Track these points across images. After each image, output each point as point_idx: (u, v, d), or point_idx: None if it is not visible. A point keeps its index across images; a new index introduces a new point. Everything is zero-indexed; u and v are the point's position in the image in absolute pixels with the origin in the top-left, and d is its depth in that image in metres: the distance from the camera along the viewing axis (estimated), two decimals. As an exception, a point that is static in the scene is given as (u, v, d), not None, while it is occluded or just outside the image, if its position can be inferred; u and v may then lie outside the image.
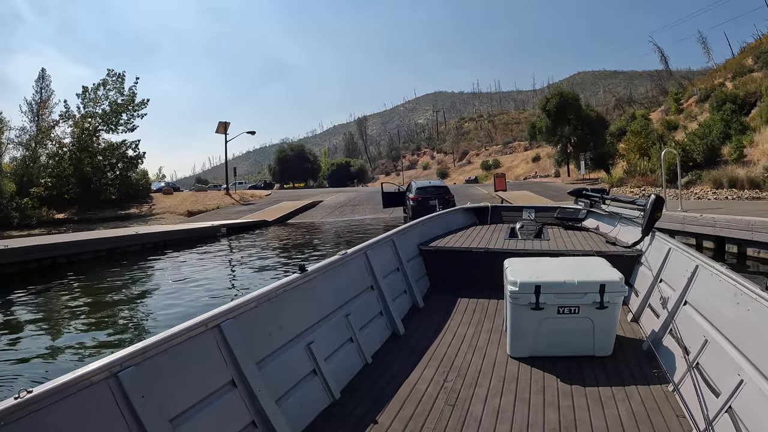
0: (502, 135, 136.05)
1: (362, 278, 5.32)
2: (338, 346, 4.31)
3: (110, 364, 2.37)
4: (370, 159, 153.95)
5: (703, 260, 4.22)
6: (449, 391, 3.90)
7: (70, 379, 2.18)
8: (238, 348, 3.11)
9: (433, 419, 3.47)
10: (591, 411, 3.49)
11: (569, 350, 4.45)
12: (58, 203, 44.11)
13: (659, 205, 6.01)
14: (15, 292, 12.12)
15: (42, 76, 50.74)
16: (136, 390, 2.41)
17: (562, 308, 4.31)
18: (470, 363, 4.45)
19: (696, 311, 3.99)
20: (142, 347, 2.54)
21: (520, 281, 4.34)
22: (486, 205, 10.57)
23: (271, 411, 3.13)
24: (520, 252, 6.73)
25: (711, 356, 3.45)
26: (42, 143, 48.36)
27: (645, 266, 5.77)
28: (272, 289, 3.69)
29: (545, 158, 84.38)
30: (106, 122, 47.58)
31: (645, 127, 44.32)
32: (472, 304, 6.24)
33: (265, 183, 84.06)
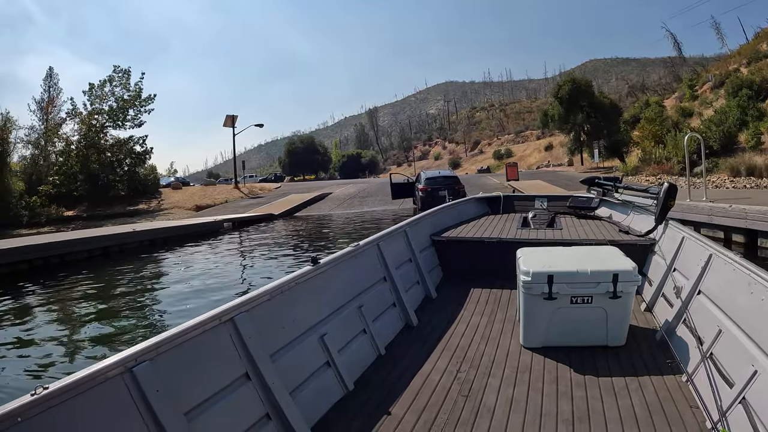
0: (514, 124, 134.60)
1: (375, 270, 5.31)
2: (351, 338, 4.31)
3: (125, 359, 2.38)
4: (381, 150, 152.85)
5: (716, 249, 4.18)
6: (462, 381, 3.90)
7: (85, 375, 2.19)
8: (252, 341, 3.12)
9: (447, 410, 3.46)
10: (604, 401, 3.48)
11: (582, 340, 4.43)
12: (68, 201, 44.09)
13: (672, 194, 5.97)
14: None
15: (50, 74, 50.82)
16: (150, 384, 2.43)
17: (575, 298, 4.29)
18: (483, 353, 4.44)
19: (710, 300, 3.96)
20: (156, 342, 2.55)
21: (533, 271, 4.30)
22: (498, 195, 10.44)
23: (285, 403, 3.14)
24: (533, 241, 6.71)
25: (725, 346, 3.42)
26: (50, 141, 48.28)
27: (658, 255, 5.70)
28: (285, 281, 3.70)
29: (558, 147, 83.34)
30: (113, 118, 47.23)
31: (659, 115, 43.15)
32: (485, 294, 6.21)
33: (276, 176, 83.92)
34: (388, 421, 3.37)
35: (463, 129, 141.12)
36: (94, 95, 47.28)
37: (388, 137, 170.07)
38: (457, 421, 3.31)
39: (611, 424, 3.20)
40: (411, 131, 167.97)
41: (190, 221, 26.17)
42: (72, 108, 47.88)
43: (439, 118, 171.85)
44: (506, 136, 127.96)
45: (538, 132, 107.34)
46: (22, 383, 6.25)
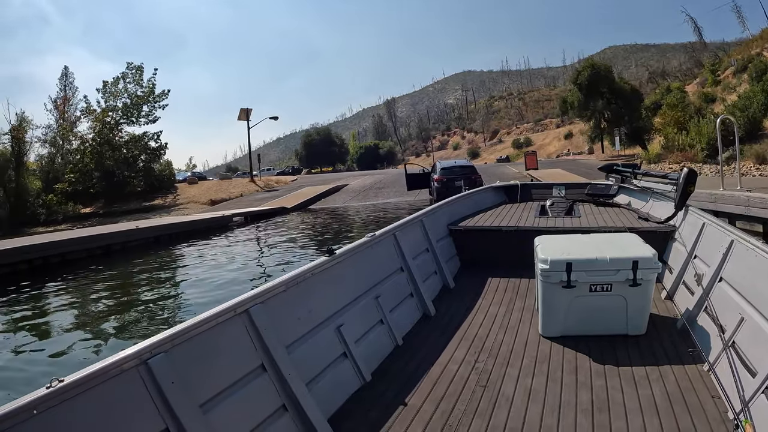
0: (533, 113, 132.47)
1: (391, 260, 5.27)
2: (368, 329, 4.28)
3: (140, 351, 2.39)
4: (400, 141, 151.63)
5: (738, 235, 4.10)
6: (480, 371, 3.87)
7: (100, 368, 2.20)
8: (267, 332, 3.11)
9: (465, 400, 3.44)
10: (624, 391, 3.42)
11: (602, 329, 4.37)
12: (85, 198, 44.50)
13: (692, 179, 5.86)
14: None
15: (65, 74, 50.83)
16: (166, 376, 2.43)
17: (594, 286, 4.23)
18: (501, 343, 4.40)
19: (732, 288, 3.88)
20: (171, 334, 2.56)
21: (551, 259, 4.25)
22: (515, 183, 10.29)
23: (302, 394, 3.13)
24: (551, 229, 6.65)
25: (747, 334, 3.33)
26: (66, 139, 48.49)
27: (679, 242, 5.63)
28: (300, 273, 3.68)
29: (578, 135, 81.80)
30: (127, 115, 47.27)
31: (681, 100, 41.50)
32: (503, 283, 6.15)
33: (293, 168, 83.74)
34: (405, 411, 3.36)
35: (482, 118, 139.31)
36: (108, 92, 47.29)
37: (406, 128, 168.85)
38: (475, 411, 3.29)
39: (631, 414, 3.14)
40: (429, 121, 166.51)
41: (197, 217, 25.69)
42: (86, 106, 47.93)
43: (457, 108, 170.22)
44: (525, 124, 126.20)
45: (557, 120, 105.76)
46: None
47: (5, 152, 43.32)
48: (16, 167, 43.06)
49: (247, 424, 2.83)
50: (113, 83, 47.16)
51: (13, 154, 43.30)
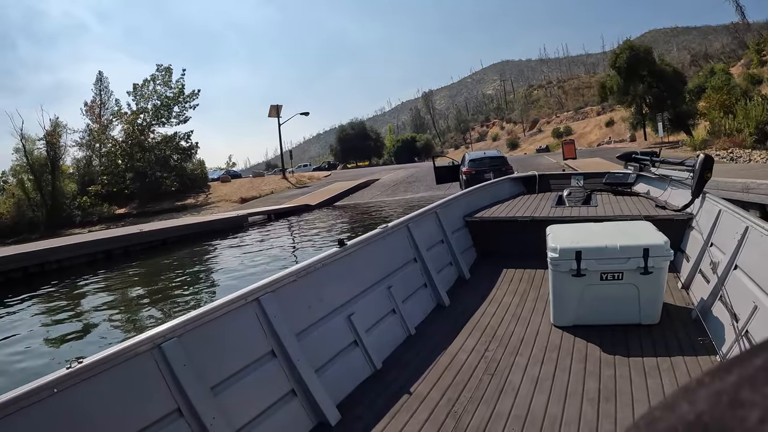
0: (573, 101, 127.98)
1: (404, 251, 5.27)
2: (380, 318, 4.31)
3: (153, 336, 2.52)
4: (438, 133, 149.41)
5: (753, 221, 4.02)
6: (489, 360, 3.87)
7: (116, 351, 2.34)
8: (277, 320, 3.20)
9: (471, 388, 3.46)
10: (633, 381, 3.38)
11: (614, 318, 4.31)
12: (120, 199, 46.06)
13: (709, 165, 5.77)
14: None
15: (99, 78, 51.63)
16: (178, 360, 2.55)
17: (605, 274, 4.19)
18: (513, 333, 4.38)
19: (746, 275, 3.79)
20: (183, 320, 2.70)
21: (560, 247, 4.23)
22: (533, 174, 10.12)
23: (311, 380, 3.21)
24: (567, 219, 6.51)
25: (761, 323, 3.28)
26: (101, 142, 49.27)
27: (696, 230, 5.53)
28: (311, 263, 3.76)
29: (620, 122, 78.53)
30: (157, 116, 47.98)
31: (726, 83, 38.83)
32: (519, 273, 6.13)
33: (329, 164, 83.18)
34: (412, 399, 3.38)
35: (520, 108, 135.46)
36: (138, 95, 48.10)
37: (445, 120, 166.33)
38: (481, 399, 3.30)
39: (638, 403, 3.10)
40: (468, 113, 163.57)
41: (210, 218, 24.85)
42: (117, 109, 49.05)
43: (496, 98, 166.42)
44: (565, 113, 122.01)
45: (598, 108, 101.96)
46: None
47: (39, 158, 44.56)
48: (52, 171, 44.31)
49: (256, 406, 2.92)
50: (142, 85, 47.88)
51: (48, 159, 44.51)
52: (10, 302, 11.55)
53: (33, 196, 43.56)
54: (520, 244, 6.82)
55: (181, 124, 49.18)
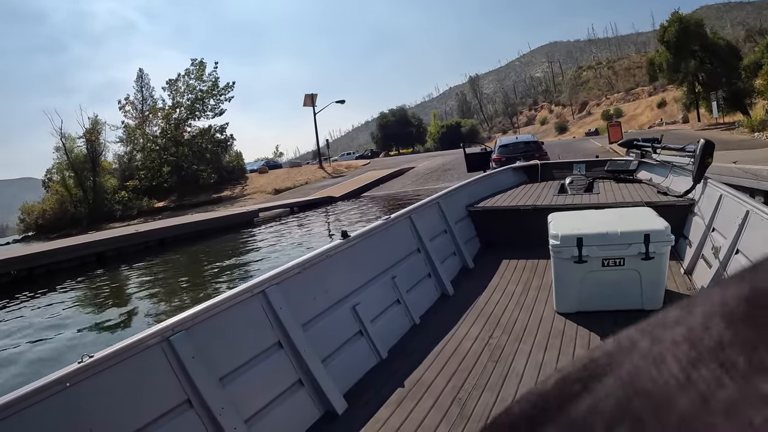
0: (624, 81, 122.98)
1: (408, 241, 5.25)
2: (385, 308, 4.31)
3: (162, 329, 2.53)
4: (486, 118, 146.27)
5: (754, 205, 4.05)
6: (494, 347, 3.88)
7: (127, 344, 2.36)
8: (283, 312, 3.23)
9: (476, 374, 3.47)
10: None
11: (617, 304, 4.27)
12: (159, 192, 46.79)
13: (709, 150, 5.63)
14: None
15: (140, 76, 51.99)
16: (187, 352, 2.58)
17: (606, 260, 4.18)
18: (517, 320, 4.39)
19: (747, 259, 3.86)
20: (191, 314, 2.71)
21: (562, 234, 4.21)
22: (535, 163, 10.04)
23: (317, 370, 3.23)
24: (569, 207, 6.42)
25: None
26: (138, 138, 49.77)
27: (698, 216, 5.47)
28: (315, 255, 3.76)
29: (672, 103, 74.64)
30: (191, 110, 48.12)
31: (786, 58, 35.50)
32: (522, 262, 6.07)
33: (372, 152, 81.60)
34: (417, 386, 3.38)
35: (569, 90, 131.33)
36: (173, 90, 48.35)
37: (492, 104, 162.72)
38: (485, 385, 3.31)
39: None
40: (516, 96, 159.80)
41: (218, 214, 23.68)
42: (153, 104, 49.35)
43: (544, 81, 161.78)
44: (616, 94, 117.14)
45: (649, 88, 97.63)
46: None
47: (80, 155, 45.70)
48: (92, 168, 45.29)
49: (264, 396, 2.96)
50: (176, 80, 48.14)
51: (88, 156, 45.51)
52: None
53: (75, 192, 44.71)
54: (522, 232, 6.74)
55: (217, 117, 49.45)
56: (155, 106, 48.92)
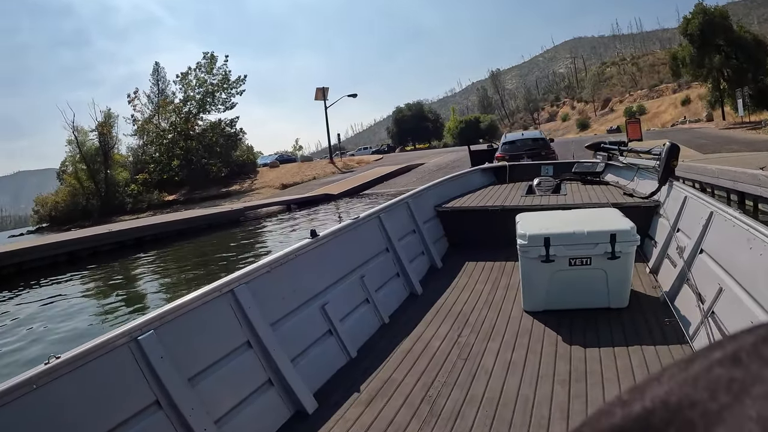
0: (648, 78, 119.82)
1: (376, 241, 5.27)
2: (354, 307, 4.32)
3: (130, 329, 2.50)
4: (508, 114, 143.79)
5: (717, 206, 4.12)
6: (462, 346, 3.90)
7: (94, 345, 2.32)
8: (252, 311, 3.19)
9: (445, 372, 3.48)
10: (603, 362, 3.43)
11: (584, 303, 4.36)
12: (171, 186, 46.63)
13: (674, 153, 5.85)
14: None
15: (156, 69, 51.55)
16: (155, 352, 2.53)
17: (573, 260, 4.23)
18: (485, 319, 4.42)
19: (711, 259, 3.89)
20: (159, 313, 2.67)
21: (529, 234, 4.27)
22: (504, 164, 10.29)
23: (287, 370, 3.21)
24: (536, 207, 6.53)
25: (725, 304, 3.39)
26: (149, 132, 49.38)
27: (663, 217, 5.63)
28: (284, 254, 3.76)
29: (696, 101, 71.97)
30: (201, 104, 47.73)
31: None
32: (490, 262, 6.08)
33: (388, 147, 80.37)
34: (387, 384, 3.39)
35: (591, 86, 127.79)
36: (185, 83, 48.01)
37: (514, 100, 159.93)
38: (455, 383, 3.32)
39: (608, 383, 3.15)
40: (539, 92, 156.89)
41: (206, 212, 22.39)
42: (162, 98, 49.12)
43: (567, 77, 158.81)
44: (639, 91, 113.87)
45: (674, 85, 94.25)
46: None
47: (92, 148, 45.66)
48: (104, 161, 45.17)
49: (234, 397, 2.91)
50: (186, 74, 47.77)
51: (100, 149, 45.42)
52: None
53: (87, 185, 44.78)
54: (490, 233, 6.79)
55: (228, 111, 49.07)
56: (165, 100, 48.52)
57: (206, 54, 47.56)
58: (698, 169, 13.66)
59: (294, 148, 78.95)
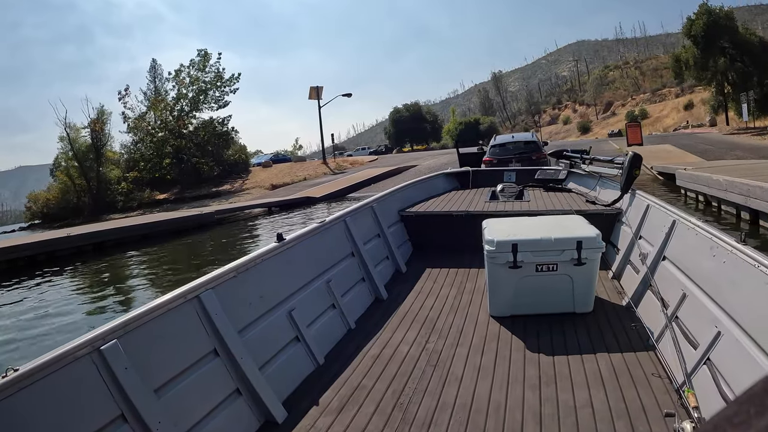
0: (651, 82, 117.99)
1: (342, 245, 5.23)
2: (320, 313, 4.27)
3: (93, 339, 2.39)
4: (509, 116, 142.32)
5: (680, 215, 4.23)
6: (431, 351, 3.87)
7: (54, 356, 2.21)
8: (219, 318, 3.10)
9: (415, 379, 3.44)
10: (571, 366, 3.46)
11: (550, 308, 4.40)
12: (163, 184, 46.07)
13: (637, 163, 5.99)
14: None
15: (153, 66, 50.89)
16: (119, 362, 2.43)
17: (540, 266, 4.26)
18: (452, 324, 4.40)
19: (674, 266, 3.98)
20: (123, 321, 2.56)
21: (497, 240, 4.27)
22: (467, 170, 9.99)
23: (255, 378, 3.13)
24: (500, 213, 6.48)
25: (689, 309, 3.47)
26: (139, 129, 48.77)
27: (625, 224, 5.72)
28: (250, 258, 3.68)
29: (699, 106, 70.83)
30: (195, 102, 47.09)
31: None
32: (455, 266, 6.08)
33: (386, 147, 79.61)
34: (358, 391, 3.33)
35: (593, 89, 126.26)
36: (177, 81, 47.39)
37: (516, 102, 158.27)
38: (426, 389, 3.28)
39: (578, 387, 3.17)
40: (541, 95, 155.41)
41: (171, 215, 21.19)
42: (153, 96, 48.36)
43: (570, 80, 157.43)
44: (642, 95, 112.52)
45: (676, 89, 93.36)
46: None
47: (83, 145, 45.34)
48: (96, 158, 44.82)
49: (202, 407, 2.80)
50: (178, 72, 47.16)
51: (93, 146, 45.14)
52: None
53: (78, 182, 44.42)
54: (454, 237, 6.74)
55: (221, 109, 48.33)
56: (158, 97, 47.73)
57: (201, 51, 46.85)
58: (703, 180, 12.25)
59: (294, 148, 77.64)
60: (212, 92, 47.17)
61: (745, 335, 2.70)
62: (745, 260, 2.92)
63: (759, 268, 2.79)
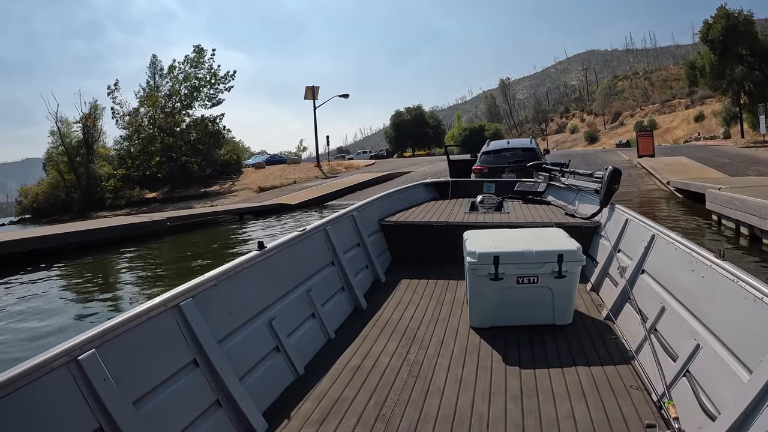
0: (660, 93, 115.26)
1: (323, 254, 5.13)
2: (300, 322, 4.17)
3: (69, 348, 2.29)
4: (516, 124, 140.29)
5: (659, 230, 4.22)
6: (412, 362, 3.79)
7: (29, 367, 2.11)
8: (199, 327, 2.98)
9: (397, 390, 3.36)
10: (552, 378, 3.42)
11: (530, 319, 4.36)
12: (154, 183, 44.84)
13: (616, 177, 5.97)
14: None
15: (153, 62, 49.63)
16: (97, 373, 2.33)
17: (521, 278, 4.22)
18: (432, 335, 4.33)
19: (653, 279, 3.99)
20: (101, 330, 2.46)
21: (479, 252, 4.21)
22: (447, 180, 9.71)
23: (235, 389, 3.01)
24: (480, 225, 6.54)
25: (668, 322, 3.46)
26: (130, 126, 47.25)
27: (604, 237, 5.70)
28: (231, 267, 3.55)
29: (710, 117, 68.54)
30: (188, 99, 45.81)
31: None
32: (435, 277, 5.97)
33: (387, 151, 78.82)
34: (339, 403, 3.23)
35: (602, 99, 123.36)
36: (171, 77, 46.30)
37: (523, 110, 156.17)
38: (408, 401, 3.20)
39: (559, 399, 3.13)
40: (549, 103, 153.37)
41: (112, 222, 19.47)
42: (146, 93, 47.04)
43: (579, 89, 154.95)
44: (651, 105, 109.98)
45: (686, 101, 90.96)
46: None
47: (73, 140, 44.55)
48: (87, 153, 43.89)
49: (182, 419, 2.68)
50: (171, 68, 46.09)
51: (84, 142, 44.19)
52: None
53: (68, 177, 43.45)
54: (434, 247, 6.62)
55: (214, 107, 46.91)
56: (149, 93, 46.41)
57: (196, 47, 45.50)
58: (753, 207, 9.25)
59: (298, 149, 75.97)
60: (206, 89, 45.89)
61: (724, 348, 2.69)
62: (724, 275, 2.89)
63: (738, 283, 2.76)
